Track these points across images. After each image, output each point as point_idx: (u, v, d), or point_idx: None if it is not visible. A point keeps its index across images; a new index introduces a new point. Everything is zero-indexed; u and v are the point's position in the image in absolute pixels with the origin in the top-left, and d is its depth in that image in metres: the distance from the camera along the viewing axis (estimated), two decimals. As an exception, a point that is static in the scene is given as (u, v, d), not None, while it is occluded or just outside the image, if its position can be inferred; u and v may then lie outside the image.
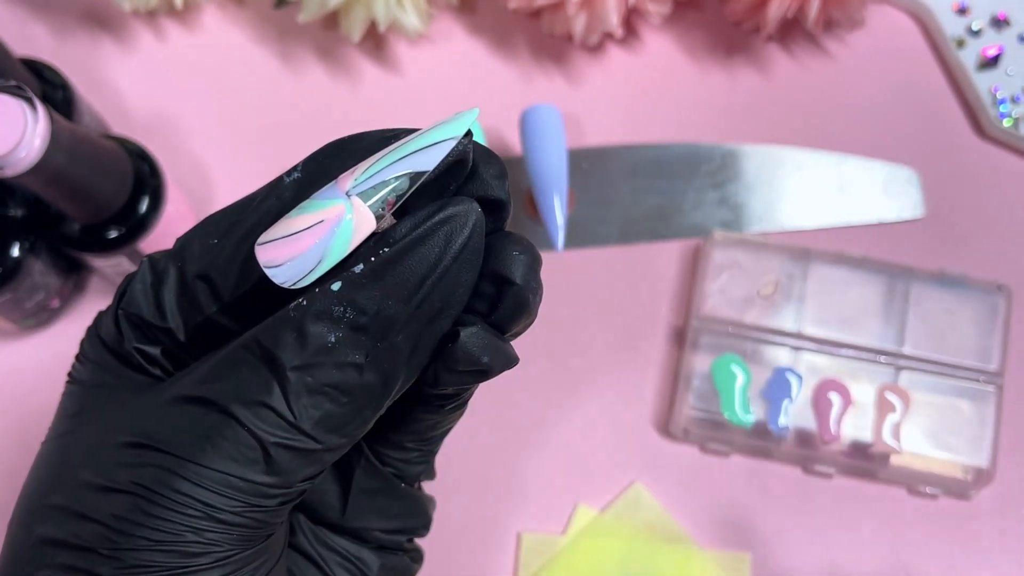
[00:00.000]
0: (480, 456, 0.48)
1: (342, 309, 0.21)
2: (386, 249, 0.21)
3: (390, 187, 0.20)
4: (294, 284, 0.21)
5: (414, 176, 0.20)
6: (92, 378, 0.24)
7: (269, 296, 0.22)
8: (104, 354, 0.24)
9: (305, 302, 0.21)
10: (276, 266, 0.20)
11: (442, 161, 0.20)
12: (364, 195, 0.20)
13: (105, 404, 0.24)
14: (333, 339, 0.21)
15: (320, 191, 0.21)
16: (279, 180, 0.23)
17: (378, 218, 0.20)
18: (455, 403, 0.25)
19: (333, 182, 0.21)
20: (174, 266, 0.23)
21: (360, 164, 0.21)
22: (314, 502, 0.28)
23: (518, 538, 0.47)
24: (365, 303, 0.21)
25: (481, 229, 0.21)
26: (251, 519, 0.22)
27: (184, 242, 0.24)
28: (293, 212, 0.21)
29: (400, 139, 0.21)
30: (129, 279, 0.24)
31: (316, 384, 0.21)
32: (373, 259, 0.21)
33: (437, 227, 0.21)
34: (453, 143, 0.20)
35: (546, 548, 0.47)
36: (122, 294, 0.24)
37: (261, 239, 0.21)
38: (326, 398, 0.21)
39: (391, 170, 0.20)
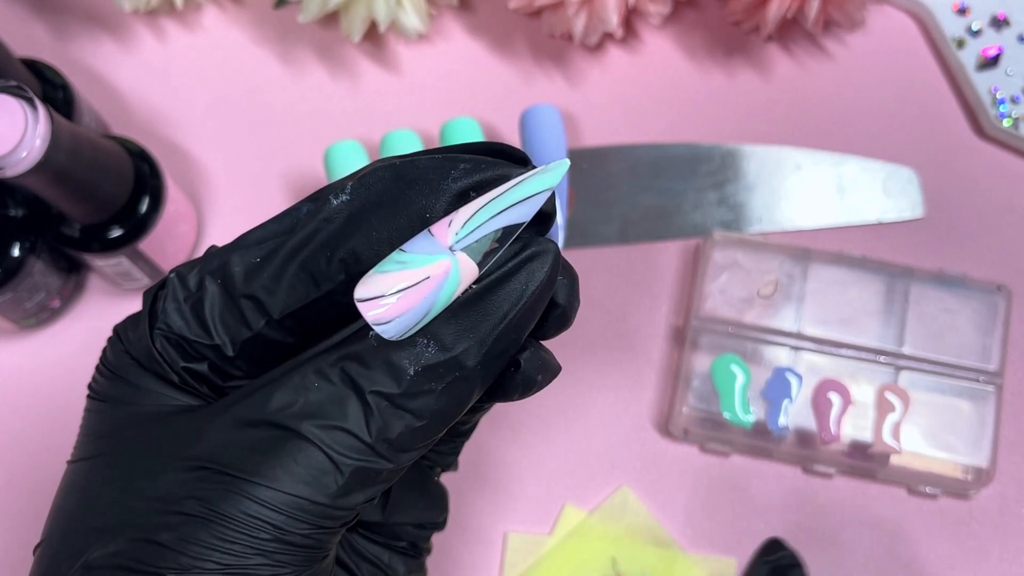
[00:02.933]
0: (474, 455, 0.48)
1: (425, 341, 0.21)
2: (473, 286, 0.21)
3: (489, 236, 0.21)
4: (402, 336, 0.21)
5: (510, 228, 0.21)
6: (123, 396, 0.24)
7: (322, 311, 0.23)
8: (139, 374, 0.24)
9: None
10: (388, 323, 0.21)
11: (536, 208, 0.21)
12: (467, 249, 0.21)
13: (145, 425, 0.23)
14: (413, 371, 0.21)
15: (415, 242, 0.21)
16: (324, 200, 0.23)
17: (480, 266, 0.21)
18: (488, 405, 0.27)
19: (427, 232, 0.21)
20: (214, 283, 0.23)
21: (456, 215, 0.21)
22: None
23: (504, 538, 0.47)
24: (448, 337, 0.21)
25: (557, 266, 0.22)
26: (316, 540, 0.22)
27: (224, 259, 0.23)
28: (390, 266, 0.21)
29: (456, 169, 0.22)
30: (153, 296, 0.24)
31: (393, 409, 0.21)
32: (457, 297, 0.21)
33: (521, 266, 0.21)
34: (547, 195, 0.21)
35: (532, 548, 0.47)
36: (150, 311, 0.24)
37: (360, 293, 0.21)
38: (402, 422, 0.22)
39: (491, 224, 0.21)
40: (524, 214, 0.21)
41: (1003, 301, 0.49)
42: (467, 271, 0.21)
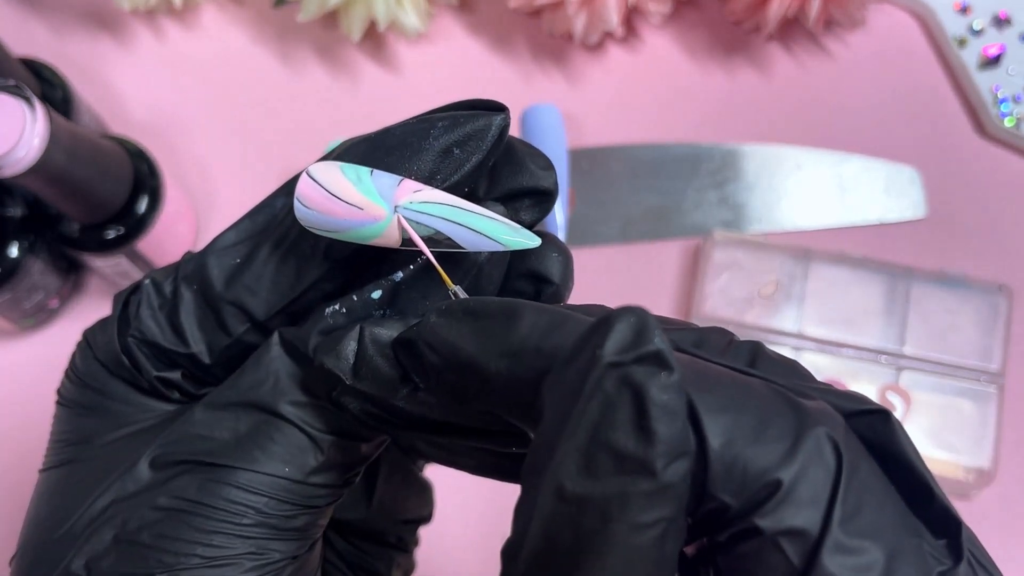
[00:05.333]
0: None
1: (382, 313, 0.21)
2: (421, 259, 0.21)
3: (430, 231, 0.20)
4: (307, 227, 0.21)
5: (450, 243, 0.20)
6: (92, 403, 0.24)
7: (308, 305, 0.22)
8: (108, 380, 0.23)
9: (345, 309, 0.21)
10: (306, 206, 0.20)
11: (480, 248, 0.21)
12: (407, 220, 0.20)
13: (117, 427, 0.23)
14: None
15: (382, 175, 0.21)
16: None
17: (404, 242, 0.20)
18: None
19: (398, 179, 0.20)
20: (189, 289, 0.23)
21: (428, 189, 0.20)
22: (343, 502, 0.28)
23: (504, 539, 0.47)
24: (404, 306, 0.21)
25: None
26: (301, 522, 0.22)
27: (200, 264, 0.23)
28: (351, 172, 0.21)
29: (436, 128, 0.21)
30: (124, 300, 0.23)
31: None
32: (411, 267, 0.21)
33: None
34: (498, 247, 0.21)
35: None
36: (120, 316, 0.23)
37: (312, 171, 0.21)
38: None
39: (440, 224, 0.20)
40: (471, 243, 0.20)
41: (1004, 301, 0.49)
42: (390, 233, 0.20)
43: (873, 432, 0.17)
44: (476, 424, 0.21)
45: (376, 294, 0.21)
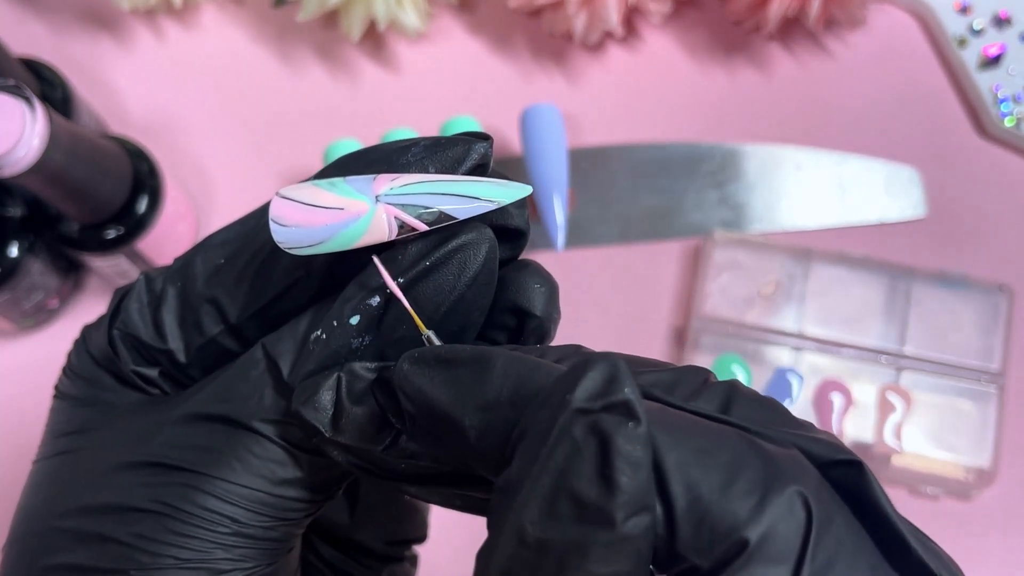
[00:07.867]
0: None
1: (360, 340, 0.21)
2: (400, 280, 0.20)
3: (418, 212, 0.20)
4: (289, 249, 0.20)
5: (443, 216, 0.20)
6: (84, 395, 0.24)
7: (277, 318, 0.22)
8: (97, 372, 0.24)
9: (325, 335, 0.21)
10: (283, 225, 0.20)
11: (474, 212, 0.20)
12: (393, 206, 0.20)
13: (105, 423, 0.23)
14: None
15: (356, 177, 0.20)
16: None
17: (400, 230, 0.20)
18: None
19: (371, 176, 0.20)
20: (173, 287, 0.23)
21: (402, 175, 0.20)
22: (323, 516, 0.28)
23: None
24: (385, 332, 0.21)
25: (494, 254, 0.21)
26: (280, 532, 0.22)
27: (186, 262, 0.23)
28: (323, 183, 0.20)
29: (417, 146, 0.21)
30: (121, 296, 0.24)
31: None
32: (388, 291, 0.20)
33: (450, 255, 0.20)
34: (492, 207, 0.20)
35: None
36: (114, 312, 0.23)
37: (283, 191, 0.20)
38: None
39: (427, 199, 0.20)
40: (462, 211, 0.20)
41: (1005, 301, 0.49)
42: (379, 226, 0.20)
43: (848, 482, 0.17)
44: (460, 470, 0.21)
45: (355, 320, 0.21)
